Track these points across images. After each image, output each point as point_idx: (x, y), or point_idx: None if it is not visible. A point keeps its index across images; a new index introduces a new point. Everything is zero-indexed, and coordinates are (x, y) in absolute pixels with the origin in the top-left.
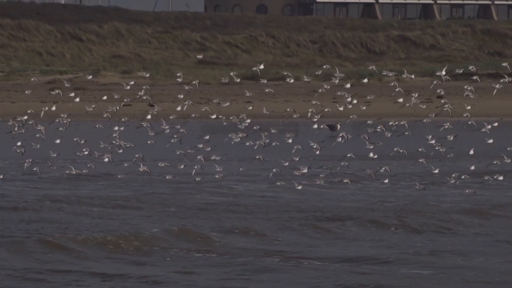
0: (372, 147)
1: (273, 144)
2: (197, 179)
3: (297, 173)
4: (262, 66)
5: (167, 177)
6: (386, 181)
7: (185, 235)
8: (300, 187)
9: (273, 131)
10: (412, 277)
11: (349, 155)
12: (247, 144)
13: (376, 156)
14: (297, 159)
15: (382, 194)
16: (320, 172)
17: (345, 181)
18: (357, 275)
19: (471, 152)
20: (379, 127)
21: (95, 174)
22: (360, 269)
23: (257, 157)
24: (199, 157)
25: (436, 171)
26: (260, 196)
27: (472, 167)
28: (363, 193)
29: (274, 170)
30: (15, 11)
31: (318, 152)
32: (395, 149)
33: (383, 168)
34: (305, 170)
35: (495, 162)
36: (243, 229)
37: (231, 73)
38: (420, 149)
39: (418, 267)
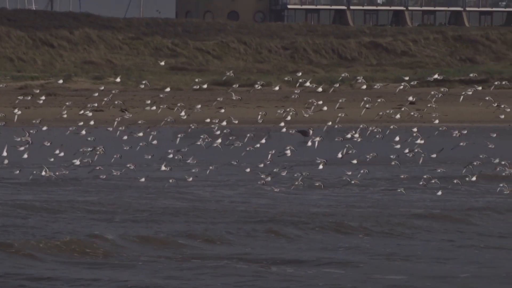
0: (350, 152)
1: (248, 149)
2: (170, 180)
3: (265, 178)
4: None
5: (141, 180)
6: (356, 186)
7: (153, 241)
8: (269, 192)
9: (248, 135)
10: (385, 283)
11: (319, 161)
12: (214, 145)
13: (356, 162)
14: (268, 163)
15: (352, 200)
16: (291, 177)
17: (316, 184)
18: (329, 280)
19: (434, 155)
20: (352, 132)
21: (63, 178)
22: (332, 274)
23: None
24: (172, 159)
25: (406, 176)
26: (229, 202)
27: (441, 171)
28: (333, 198)
29: (246, 171)
30: None
31: (288, 156)
32: (366, 154)
33: (353, 173)
34: (281, 174)
35: (464, 167)
36: (211, 235)
37: (196, 79)
38: (390, 154)
39: (391, 273)
